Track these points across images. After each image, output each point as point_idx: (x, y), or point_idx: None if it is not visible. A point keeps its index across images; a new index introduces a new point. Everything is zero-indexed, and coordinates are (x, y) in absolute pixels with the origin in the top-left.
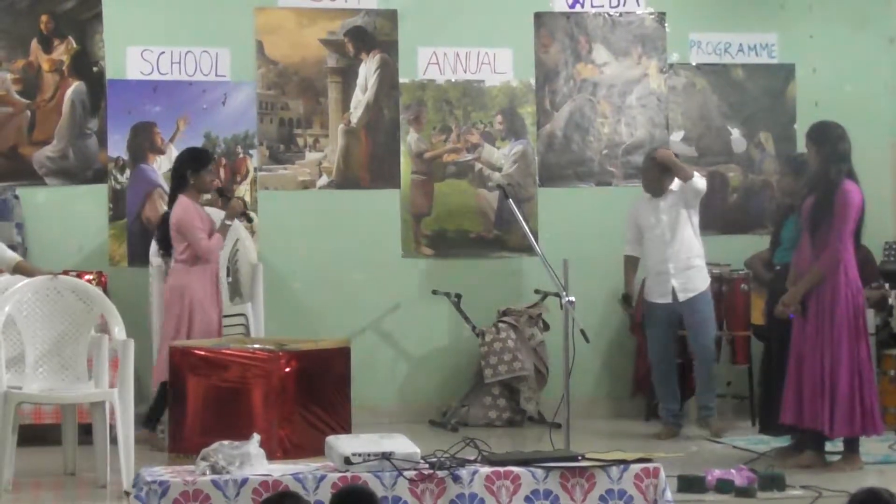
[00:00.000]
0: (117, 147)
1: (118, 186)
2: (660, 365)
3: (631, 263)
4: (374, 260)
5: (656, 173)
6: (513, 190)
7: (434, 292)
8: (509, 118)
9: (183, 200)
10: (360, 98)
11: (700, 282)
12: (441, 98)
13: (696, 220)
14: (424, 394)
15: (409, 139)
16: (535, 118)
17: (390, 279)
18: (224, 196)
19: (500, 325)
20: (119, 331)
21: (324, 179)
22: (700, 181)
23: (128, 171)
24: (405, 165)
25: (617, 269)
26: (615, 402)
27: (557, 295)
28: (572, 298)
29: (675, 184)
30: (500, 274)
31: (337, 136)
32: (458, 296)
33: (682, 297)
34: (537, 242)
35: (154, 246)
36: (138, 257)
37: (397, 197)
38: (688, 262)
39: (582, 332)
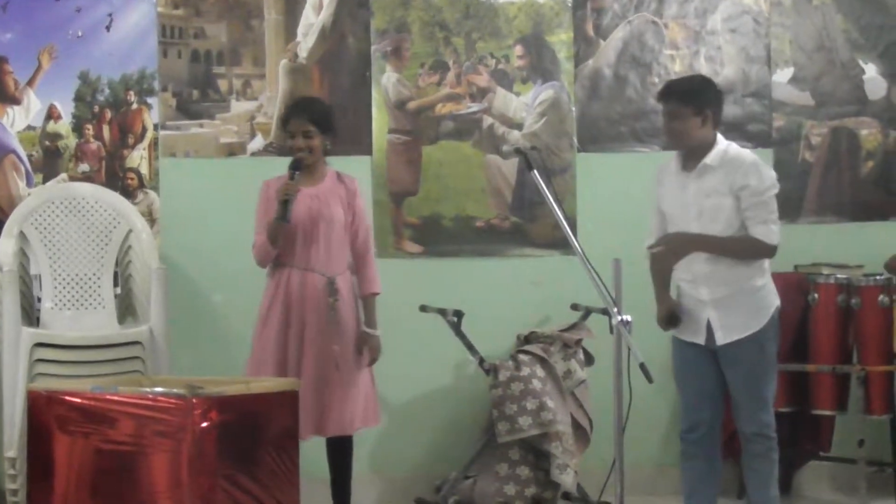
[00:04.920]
0: None
1: None
2: (694, 440)
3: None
4: None
5: (687, 113)
6: (539, 156)
7: (423, 308)
8: (534, 50)
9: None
10: (313, 20)
11: (757, 315)
12: (432, 20)
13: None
14: (409, 459)
15: (386, 81)
16: (571, 50)
17: None
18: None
19: (522, 356)
20: None
21: (258, 142)
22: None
23: None
24: (379, 120)
25: None
26: None
27: (605, 312)
28: (628, 318)
29: (714, 155)
30: (519, 281)
31: (277, 77)
32: (459, 313)
33: (722, 337)
34: (576, 234)
35: None
36: None
37: (368, 167)
38: (738, 286)
39: (642, 367)
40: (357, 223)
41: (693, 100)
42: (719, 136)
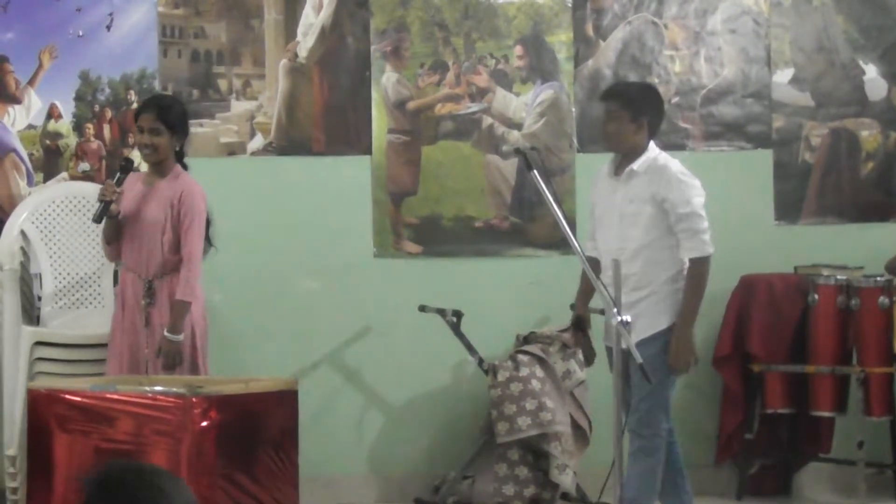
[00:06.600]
0: None
1: None
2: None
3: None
4: (334, 261)
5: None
6: (539, 156)
7: (422, 308)
8: (534, 51)
9: None
10: (313, 20)
11: (662, 315)
12: (432, 20)
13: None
14: (407, 459)
15: (385, 81)
16: (571, 51)
17: (357, 289)
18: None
19: (521, 357)
20: None
21: (258, 141)
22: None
23: None
24: (379, 120)
25: None
26: (691, 473)
27: (604, 313)
28: (627, 318)
29: (642, 162)
30: (519, 281)
31: (277, 77)
32: (458, 313)
33: (624, 341)
34: (575, 234)
35: None
36: None
37: (367, 167)
38: (650, 289)
39: (641, 367)
40: (181, 226)
41: (631, 105)
42: (652, 145)
